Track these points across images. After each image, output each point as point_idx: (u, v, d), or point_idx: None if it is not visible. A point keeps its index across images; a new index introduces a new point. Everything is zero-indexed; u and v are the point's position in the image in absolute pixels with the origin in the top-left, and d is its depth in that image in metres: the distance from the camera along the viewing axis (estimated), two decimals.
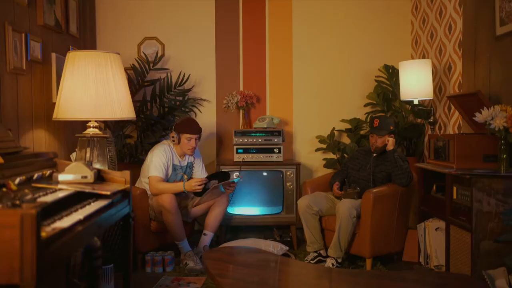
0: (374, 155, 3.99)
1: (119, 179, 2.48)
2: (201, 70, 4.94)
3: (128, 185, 2.46)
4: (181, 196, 4.07)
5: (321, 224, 4.02)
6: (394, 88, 4.79)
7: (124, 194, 2.45)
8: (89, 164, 2.35)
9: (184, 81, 4.70)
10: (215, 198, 4.06)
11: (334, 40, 5.01)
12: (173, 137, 3.95)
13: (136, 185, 4.12)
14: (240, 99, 4.75)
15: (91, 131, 3.28)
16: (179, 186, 3.84)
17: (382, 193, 3.73)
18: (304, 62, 5.01)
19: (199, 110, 4.89)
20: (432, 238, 3.56)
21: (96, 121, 3.32)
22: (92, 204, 2.09)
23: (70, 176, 2.20)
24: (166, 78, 4.66)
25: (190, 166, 4.15)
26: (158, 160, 3.89)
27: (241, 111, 4.84)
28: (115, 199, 2.26)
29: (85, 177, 2.23)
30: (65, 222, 1.66)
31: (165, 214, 3.75)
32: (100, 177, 2.50)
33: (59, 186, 2.13)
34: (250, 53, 4.98)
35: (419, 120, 4.77)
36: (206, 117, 4.93)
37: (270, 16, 4.99)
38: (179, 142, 3.95)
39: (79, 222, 1.77)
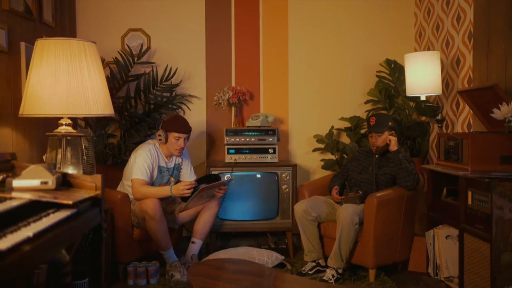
0: (377, 156, 3.67)
1: (89, 184, 2.13)
2: (190, 65, 4.60)
3: (99, 192, 2.11)
4: (167, 201, 3.74)
5: (320, 231, 3.69)
6: (397, 84, 4.47)
7: (95, 202, 2.10)
8: (51, 168, 2.00)
9: (171, 75, 4.35)
10: (204, 203, 3.72)
11: (332, 34, 4.68)
12: (160, 135, 3.61)
13: (118, 188, 3.77)
14: (232, 96, 4.42)
15: (63, 129, 2.92)
16: (165, 190, 3.49)
17: (386, 197, 3.41)
18: (301, 57, 4.68)
19: (187, 107, 4.55)
20: (442, 247, 3.24)
21: (72, 118, 2.97)
22: (51, 215, 1.74)
23: (27, 182, 1.85)
24: (151, 72, 4.31)
25: (177, 168, 3.81)
26: (142, 162, 3.55)
27: (233, 109, 4.50)
28: (81, 208, 1.91)
29: (45, 182, 1.88)
30: (5, 242, 1.32)
31: (148, 221, 3.41)
32: (66, 183, 2.15)
33: (13, 194, 1.78)
34: (242, 47, 4.64)
35: (423, 118, 4.46)
36: (196, 114, 4.59)
37: (264, 9, 4.65)
38: (166, 141, 3.61)
39: (27, 241, 1.42)
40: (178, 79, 4.51)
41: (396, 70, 4.48)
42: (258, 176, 4.20)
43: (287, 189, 4.15)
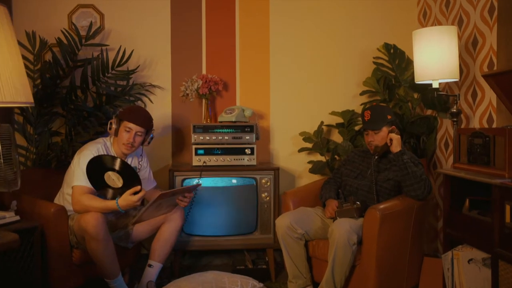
0: (376, 157, 2.98)
1: None
2: (153, 49, 3.85)
3: None
4: (118, 214, 2.99)
5: (308, 251, 2.98)
6: (397, 72, 3.78)
7: None
8: None
9: (125, 59, 3.58)
10: (164, 213, 2.99)
11: (321, 14, 3.97)
12: (111, 123, 2.89)
13: (56, 200, 3.01)
14: (202, 85, 3.67)
15: None
16: (111, 202, 2.73)
17: (392, 209, 2.71)
18: (284, 41, 3.95)
19: (149, 99, 3.80)
20: (463, 273, 2.54)
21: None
22: None
23: None
24: (100, 55, 3.54)
25: None
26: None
27: (204, 101, 3.76)
28: None
29: None
30: None
31: (89, 242, 2.66)
32: None
33: None
34: (215, 29, 3.91)
35: (429, 112, 3.77)
36: (159, 108, 3.84)
37: None
38: (116, 132, 2.88)
39: None
40: (136, 65, 3.76)
41: (396, 56, 3.79)
42: (233, 182, 3.47)
43: (268, 198, 3.43)
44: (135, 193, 2.72)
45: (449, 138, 3.52)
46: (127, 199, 2.70)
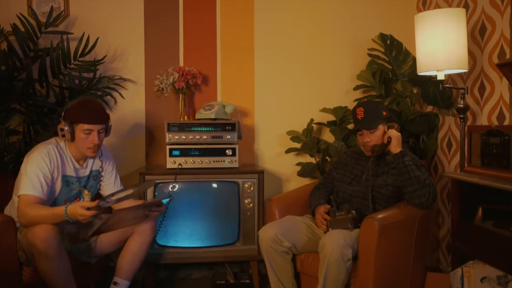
0: (372, 159, 2.62)
1: None
2: (124, 39, 3.45)
3: None
4: (79, 224, 2.60)
5: (295, 266, 2.62)
6: (394, 65, 3.43)
7: None
8: None
9: (89, 48, 3.18)
10: (133, 225, 2.60)
11: (311, 3, 3.60)
12: (62, 129, 2.47)
13: (6, 209, 2.61)
14: (178, 78, 3.29)
15: None
16: (60, 212, 2.32)
17: (392, 219, 2.35)
18: (271, 32, 3.58)
19: (120, 94, 3.41)
20: None
21: None
22: None
23: None
24: (61, 44, 3.13)
25: (95, 177, 2.68)
26: (34, 170, 2.41)
27: (181, 96, 3.38)
28: None
29: None
30: None
31: (38, 259, 2.27)
32: None
33: None
34: (194, 17, 3.52)
35: (429, 109, 3.42)
36: (131, 104, 3.45)
37: None
38: (72, 138, 2.47)
39: None
40: (107, 57, 3.37)
41: (393, 48, 3.44)
42: (213, 186, 3.10)
43: (251, 205, 3.06)
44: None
45: (452, 137, 3.17)
46: (75, 210, 2.27)
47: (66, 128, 2.45)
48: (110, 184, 2.72)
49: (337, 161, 2.92)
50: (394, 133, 2.49)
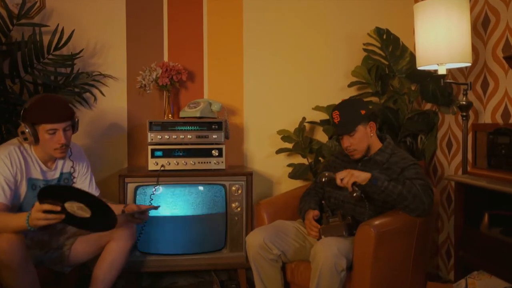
0: (360, 164, 2.44)
1: None
2: (104, 33, 3.25)
3: None
4: (52, 231, 2.41)
5: (285, 276, 2.42)
6: (391, 61, 3.25)
7: None
8: None
9: (64, 40, 2.97)
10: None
11: None
12: (23, 132, 2.25)
13: None
14: (162, 74, 3.09)
15: None
16: (21, 219, 2.10)
17: (389, 226, 2.16)
18: (261, 25, 3.38)
19: (100, 91, 3.20)
20: None
21: None
22: None
23: None
24: (33, 36, 2.91)
25: (67, 179, 2.47)
26: None
27: (165, 94, 3.18)
28: None
29: None
30: None
31: (1, 271, 2.06)
32: None
33: None
34: (179, 10, 3.32)
35: (428, 106, 3.24)
36: (112, 101, 3.25)
37: None
38: (36, 140, 2.26)
39: None
40: (86, 51, 3.17)
41: (389, 42, 3.25)
42: (198, 189, 2.90)
43: (239, 209, 2.87)
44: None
45: (453, 137, 2.99)
46: (35, 214, 2.04)
47: (27, 130, 2.22)
48: (84, 188, 2.51)
49: (325, 164, 2.72)
50: (347, 181, 2.21)
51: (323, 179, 2.27)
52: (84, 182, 2.52)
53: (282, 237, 2.39)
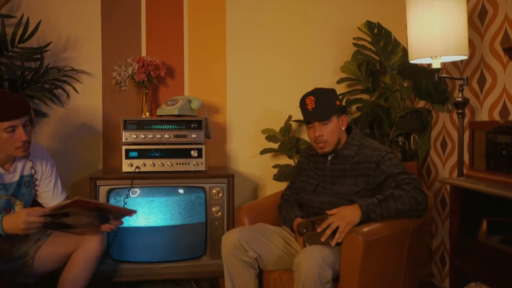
0: (329, 158, 2.25)
1: None
2: (78, 25, 3.05)
3: None
4: (13, 238, 2.21)
5: (261, 285, 2.24)
6: (382, 56, 3.08)
7: None
8: None
9: (30, 32, 2.76)
10: (77, 233, 2.22)
11: None
12: None
13: None
14: (138, 70, 2.90)
15: None
16: None
17: (379, 233, 1.97)
18: (245, 19, 3.19)
19: (73, 87, 3.00)
20: None
21: None
22: None
23: None
24: None
25: (28, 182, 2.27)
26: None
27: (143, 91, 2.99)
28: None
29: None
30: None
31: None
32: None
33: None
34: (157, 1, 3.13)
35: (421, 104, 3.07)
36: (86, 99, 3.06)
37: None
38: None
39: None
40: (57, 44, 2.97)
41: (381, 37, 3.09)
42: (176, 192, 2.71)
43: (220, 213, 2.68)
44: None
45: (448, 136, 2.81)
46: (21, 218, 1.89)
47: None
48: (48, 191, 2.32)
49: (296, 166, 2.52)
50: (336, 225, 1.99)
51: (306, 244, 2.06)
52: (48, 185, 2.32)
53: (260, 239, 2.20)
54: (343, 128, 2.24)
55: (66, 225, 2.09)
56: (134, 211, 2.28)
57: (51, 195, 2.33)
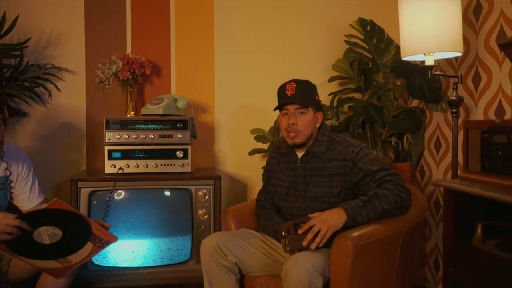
0: (300, 156, 2.16)
1: None
2: (60, 21, 2.95)
3: None
4: None
5: None
6: (375, 54, 2.99)
7: None
8: None
9: (7, 28, 2.66)
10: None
11: None
12: None
13: None
14: (122, 67, 2.80)
15: None
16: None
17: (370, 237, 1.88)
18: (234, 16, 3.10)
19: (55, 86, 2.90)
20: None
21: None
22: None
23: None
24: None
25: (3, 185, 2.16)
26: None
27: (128, 89, 2.89)
28: None
29: None
30: None
31: None
32: None
33: None
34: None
35: (415, 103, 2.99)
36: (69, 98, 2.96)
37: None
38: None
39: None
40: (38, 41, 2.87)
41: (373, 34, 3.00)
42: (161, 195, 2.61)
43: (206, 216, 2.58)
44: None
45: (442, 136, 2.73)
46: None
47: None
48: (25, 193, 2.21)
49: (266, 167, 2.41)
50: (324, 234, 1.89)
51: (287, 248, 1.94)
52: (25, 187, 2.22)
53: (240, 243, 2.10)
54: (317, 125, 2.16)
55: (36, 245, 1.94)
56: (115, 238, 2.14)
57: (27, 197, 2.22)
